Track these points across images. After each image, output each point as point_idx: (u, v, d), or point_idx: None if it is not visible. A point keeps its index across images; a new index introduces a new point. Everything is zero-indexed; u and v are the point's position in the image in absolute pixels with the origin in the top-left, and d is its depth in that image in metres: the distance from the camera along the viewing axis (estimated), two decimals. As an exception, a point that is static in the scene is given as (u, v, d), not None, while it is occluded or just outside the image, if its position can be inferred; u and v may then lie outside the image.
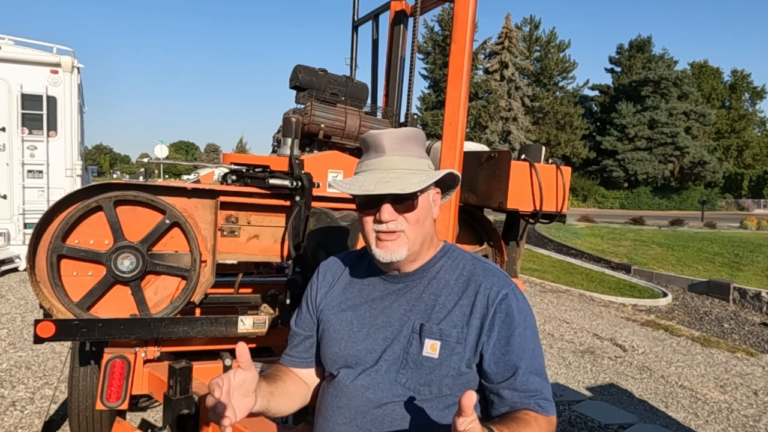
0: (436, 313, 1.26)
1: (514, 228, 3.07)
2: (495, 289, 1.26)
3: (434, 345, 1.23)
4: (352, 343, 1.31)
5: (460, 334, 1.24)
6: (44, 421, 3.28)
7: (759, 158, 53.78)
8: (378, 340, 1.29)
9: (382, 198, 1.22)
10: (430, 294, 1.30)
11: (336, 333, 1.35)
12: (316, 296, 1.44)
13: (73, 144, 8.18)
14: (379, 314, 1.32)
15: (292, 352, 1.45)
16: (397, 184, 1.20)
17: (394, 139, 1.26)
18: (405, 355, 1.26)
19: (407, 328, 1.27)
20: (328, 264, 1.50)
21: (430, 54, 44.99)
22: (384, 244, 1.26)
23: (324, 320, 1.40)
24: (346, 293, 1.40)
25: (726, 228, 18.51)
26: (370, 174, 1.26)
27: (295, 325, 1.47)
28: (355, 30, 3.49)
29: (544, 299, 8.35)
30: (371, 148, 1.29)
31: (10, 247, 7.82)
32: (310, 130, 2.68)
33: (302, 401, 1.43)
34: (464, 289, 1.28)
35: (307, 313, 1.45)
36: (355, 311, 1.35)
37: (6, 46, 7.84)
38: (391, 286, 1.34)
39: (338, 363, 1.33)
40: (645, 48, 49.23)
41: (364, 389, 1.27)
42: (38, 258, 2.10)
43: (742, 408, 4.46)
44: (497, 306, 1.24)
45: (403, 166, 1.25)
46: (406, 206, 1.24)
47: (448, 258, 1.35)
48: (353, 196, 1.29)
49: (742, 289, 9.03)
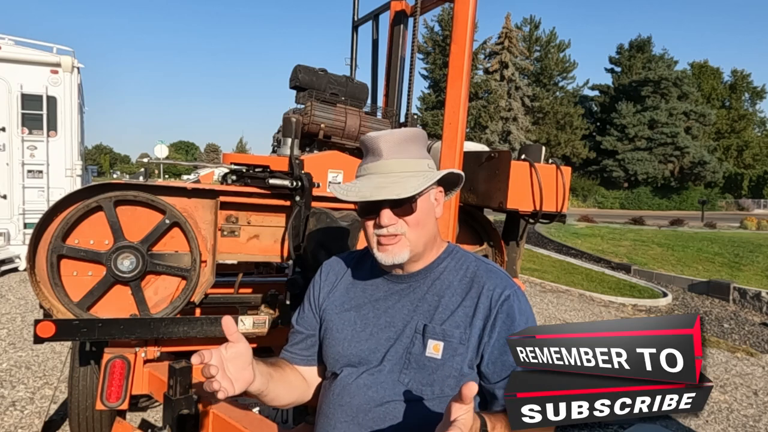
0: (439, 314, 1.27)
1: (514, 228, 3.07)
2: (498, 290, 1.27)
3: (437, 346, 1.24)
4: (355, 343, 1.32)
5: (463, 335, 1.24)
6: (44, 421, 3.28)
7: (759, 158, 53.78)
8: (381, 340, 1.30)
9: (381, 203, 1.22)
10: (433, 294, 1.30)
11: (339, 333, 1.35)
12: (318, 295, 1.44)
13: (73, 144, 8.18)
14: (383, 314, 1.32)
15: (293, 349, 1.46)
16: (394, 189, 1.19)
17: (391, 141, 1.25)
18: (408, 355, 1.26)
19: (410, 329, 1.28)
20: (331, 263, 1.50)
21: (430, 54, 44.99)
22: (385, 248, 1.26)
23: (327, 320, 1.40)
24: (349, 293, 1.40)
25: (726, 228, 18.50)
26: (368, 179, 1.25)
27: (297, 323, 1.47)
28: (355, 30, 3.49)
29: (544, 299, 8.35)
30: (369, 151, 1.28)
31: (10, 247, 7.81)
32: (310, 130, 2.68)
33: (301, 394, 1.43)
34: (468, 290, 1.28)
35: (310, 311, 1.45)
36: (358, 311, 1.35)
37: (6, 46, 7.84)
38: (395, 286, 1.34)
39: (341, 362, 1.34)
40: (645, 48, 49.22)
41: (367, 388, 1.27)
42: (38, 258, 2.10)
43: (742, 408, 4.45)
44: (499, 307, 1.25)
45: (401, 169, 1.24)
46: (405, 209, 1.24)
47: (452, 259, 1.35)
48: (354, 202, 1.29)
49: (742, 289, 9.02)
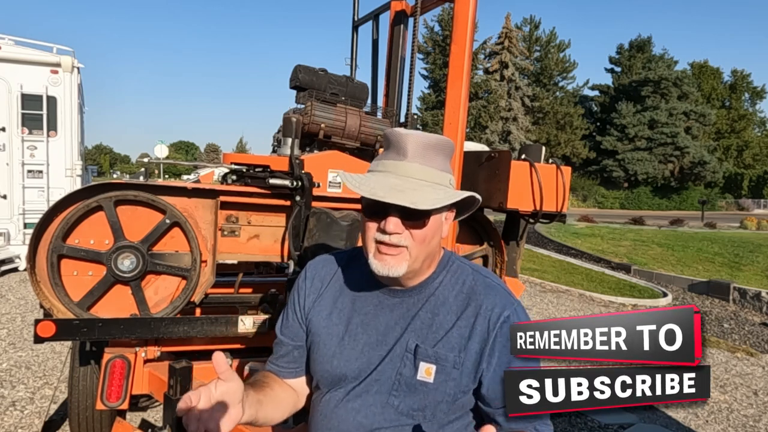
0: (432, 334, 1.19)
1: (514, 228, 3.07)
2: (497, 310, 1.19)
3: (429, 369, 1.17)
4: (344, 362, 1.24)
5: (457, 359, 1.17)
6: (44, 421, 3.28)
7: (759, 158, 53.81)
8: (372, 358, 1.22)
9: (391, 207, 1.10)
10: (427, 312, 1.22)
11: (326, 348, 1.27)
12: (304, 304, 1.33)
13: (73, 144, 8.18)
14: (373, 330, 1.24)
15: (279, 362, 1.36)
16: (410, 196, 1.08)
17: (419, 143, 1.14)
18: (398, 377, 1.19)
19: (401, 347, 1.20)
20: (316, 266, 1.37)
21: (430, 54, 45.00)
22: (383, 258, 1.15)
23: (313, 332, 1.30)
24: (337, 303, 1.29)
25: (726, 228, 18.51)
26: (385, 177, 1.14)
27: (281, 333, 1.36)
28: (355, 30, 3.49)
29: (544, 299, 8.35)
30: (392, 147, 1.17)
31: (10, 247, 7.81)
32: (310, 130, 2.68)
33: (292, 408, 1.36)
34: (463, 309, 1.21)
35: (295, 321, 1.34)
36: (347, 325, 1.26)
37: (6, 46, 7.83)
38: (387, 300, 1.25)
39: (328, 380, 1.27)
40: (645, 48, 49.24)
41: (356, 412, 1.21)
42: (38, 258, 2.10)
43: (742, 408, 4.45)
44: (498, 330, 1.17)
45: (422, 177, 1.13)
46: (415, 222, 1.13)
47: (448, 272, 1.26)
48: (360, 197, 1.16)
49: (742, 289, 9.02)
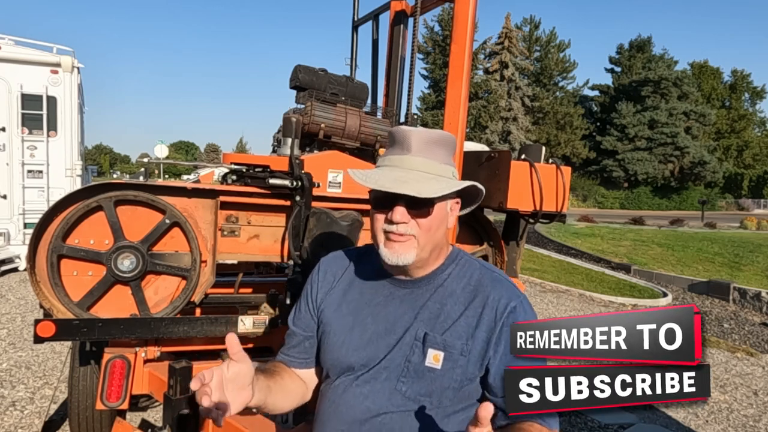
0: (440, 323, 1.24)
1: (514, 228, 3.07)
2: (503, 301, 1.23)
3: (437, 356, 1.21)
4: (353, 350, 1.28)
5: (464, 346, 1.21)
6: (44, 421, 3.28)
7: (759, 158, 53.81)
8: (380, 347, 1.26)
9: (397, 198, 1.17)
10: (435, 302, 1.26)
11: (336, 338, 1.31)
12: (316, 296, 1.39)
13: (73, 144, 8.18)
14: (382, 320, 1.28)
15: (291, 352, 1.41)
16: (414, 186, 1.15)
17: (422, 139, 1.22)
18: (407, 364, 1.23)
19: (410, 336, 1.24)
20: (329, 261, 1.44)
21: (430, 54, 45.00)
22: (392, 245, 1.21)
23: (324, 322, 1.36)
24: (348, 295, 1.35)
25: (726, 228, 18.51)
26: (390, 170, 1.21)
27: (294, 324, 1.42)
28: (355, 30, 3.49)
29: (544, 299, 8.35)
30: (397, 143, 1.24)
31: (10, 247, 7.81)
32: (310, 130, 2.68)
33: (300, 397, 1.40)
34: (471, 300, 1.25)
35: (307, 312, 1.40)
36: (356, 315, 1.31)
37: (6, 46, 7.83)
38: (396, 291, 1.30)
39: (338, 369, 1.30)
40: (645, 48, 49.24)
41: (363, 398, 1.24)
42: (38, 258, 2.10)
43: (742, 408, 4.46)
44: (505, 319, 1.21)
45: (425, 169, 1.20)
46: (420, 211, 1.20)
47: (456, 265, 1.32)
48: (369, 191, 1.24)
49: (742, 289, 9.02)
